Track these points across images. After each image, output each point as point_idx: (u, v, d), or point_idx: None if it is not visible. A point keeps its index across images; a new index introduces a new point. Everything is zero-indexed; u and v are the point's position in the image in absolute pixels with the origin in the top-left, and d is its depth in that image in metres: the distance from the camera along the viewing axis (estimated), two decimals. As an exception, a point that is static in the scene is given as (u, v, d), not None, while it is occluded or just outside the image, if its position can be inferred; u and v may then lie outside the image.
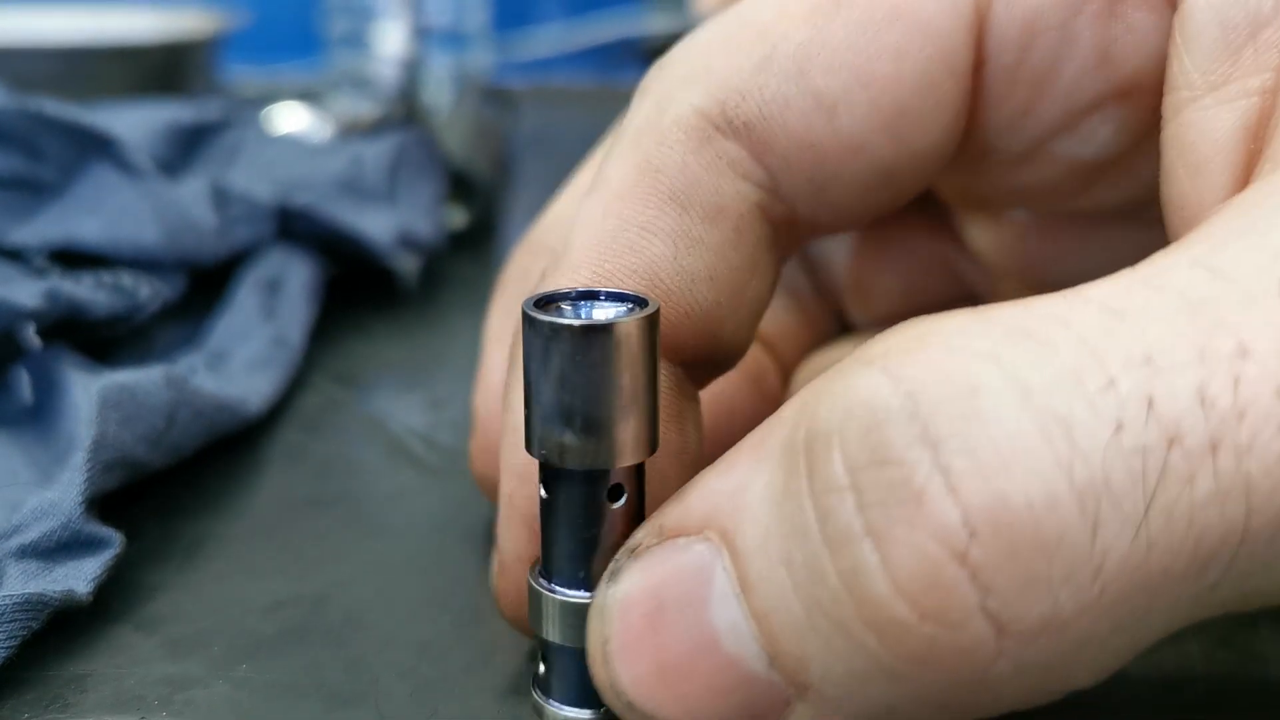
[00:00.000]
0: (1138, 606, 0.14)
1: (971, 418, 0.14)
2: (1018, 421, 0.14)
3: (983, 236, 0.26)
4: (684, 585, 0.16)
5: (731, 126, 0.20)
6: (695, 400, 0.22)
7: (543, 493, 0.19)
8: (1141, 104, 0.20)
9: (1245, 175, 0.17)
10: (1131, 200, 0.22)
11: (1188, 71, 0.18)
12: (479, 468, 0.25)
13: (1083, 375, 0.14)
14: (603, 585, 0.17)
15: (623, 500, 0.18)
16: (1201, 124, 0.18)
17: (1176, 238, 0.18)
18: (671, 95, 0.20)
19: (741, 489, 0.16)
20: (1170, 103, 0.19)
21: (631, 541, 0.17)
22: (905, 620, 0.14)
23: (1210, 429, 0.14)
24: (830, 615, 0.15)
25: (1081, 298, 0.15)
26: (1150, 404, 0.14)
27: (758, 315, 0.21)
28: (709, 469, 0.17)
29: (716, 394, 0.25)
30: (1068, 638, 0.14)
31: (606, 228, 0.20)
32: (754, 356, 0.27)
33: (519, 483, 0.20)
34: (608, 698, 0.17)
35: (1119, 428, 0.14)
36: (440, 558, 0.25)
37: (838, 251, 0.28)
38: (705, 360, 0.21)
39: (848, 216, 0.21)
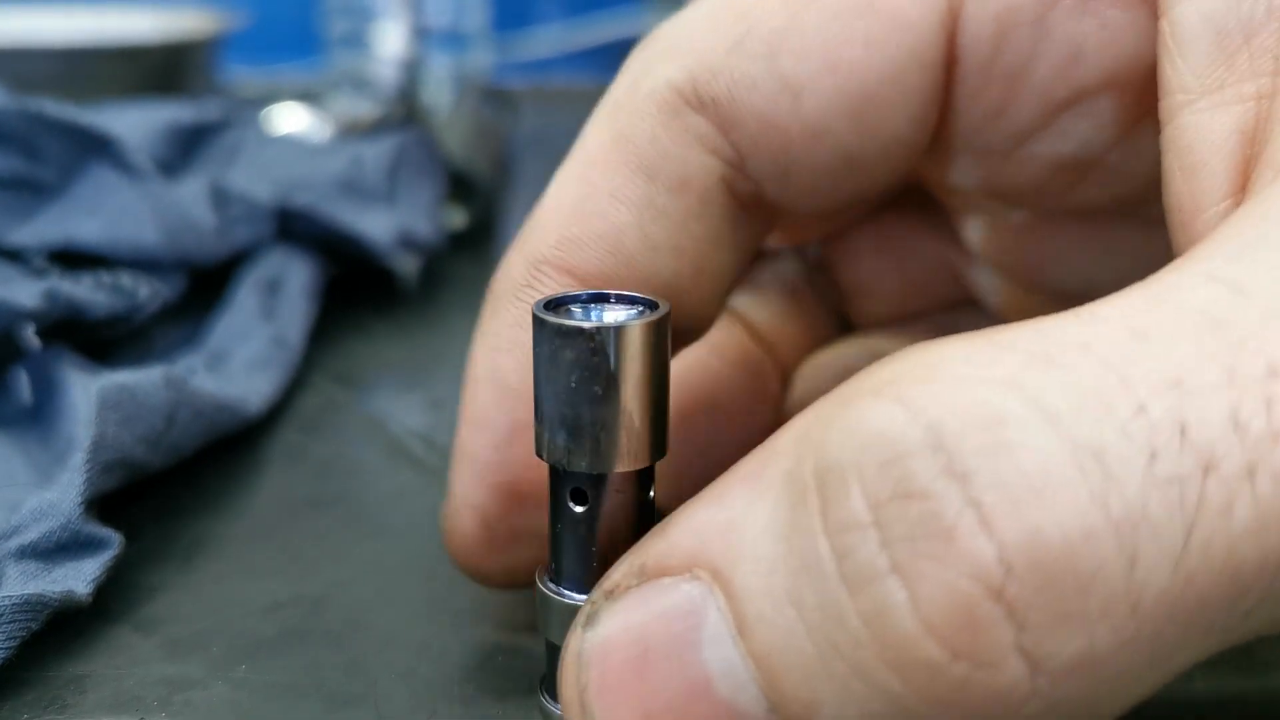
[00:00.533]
0: (1173, 639, 0.14)
1: (999, 449, 0.13)
2: (1049, 452, 0.13)
3: (980, 236, 0.26)
4: (672, 627, 0.15)
5: (700, 102, 0.20)
6: None
7: (550, 494, 0.19)
8: (1119, 100, 0.21)
9: (1242, 179, 0.17)
10: (1125, 198, 0.22)
11: (1182, 75, 0.18)
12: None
13: (1112, 401, 0.13)
14: (578, 629, 0.16)
15: (627, 505, 0.18)
16: (1197, 128, 0.18)
17: (1176, 241, 0.18)
18: (648, 69, 0.21)
19: (735, 525, 0.15)
20: (1166, 107, 0.19)
21: (608, 583, 0.17)
22: (935, 660, 0.13)
23: (1246, 454, 0.13)
24: (848, 657, 0.14)
25: (1098, 317, 0.14)
26: (1183, 430, 0.13)
27: (723, 289, 0.22)
28: (694, 501, 0.16)
29: (715, 396, 0.25)
30: (1102, 673, 0.14)
31: (576, 193, 0.21)
32: (753, 356, 0.27)
33: (473, 430, 0.21)
34: None
35: (1153, 456, 0.13)
36: (440, 559, 0.25)
37: (838, 252, 0.28)
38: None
39: (815, 202, 0.22)
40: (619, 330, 0.17)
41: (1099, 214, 0.24)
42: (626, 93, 0.21)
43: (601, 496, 0.18)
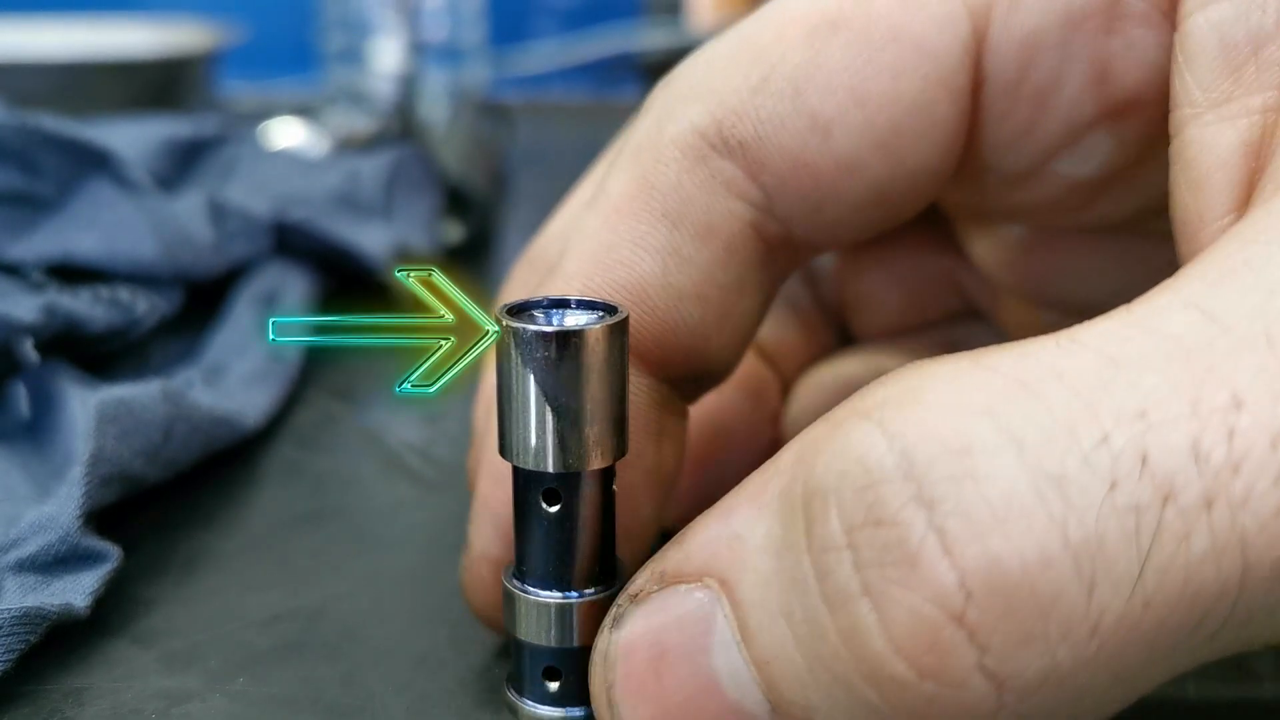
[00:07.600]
0: (1136, 659, 0.14)
1: (965, 477, 0.14)
2: (1012, 480, 0.14)
3: (985, 250, 0.26)
4: (686, 632, 0.16)
5: (727, 146, 0.20)
6: (680, 415, 0.22)
7: (514, 494, 0.19)
8: (1141, 120, 0.20)
9: (1247, 193, 0.17)
10: (1134, 213, 0.22)
11: (1189, 88, 0.18)
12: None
13: (1077, 431, 0.14)
14: (605, 631, 0.18)
15: (590, 503, 0.19)
16: (1203, 141, 0.18)
17: (1181, 255, 0.18)
18: (671, 113, 0.21)
19: (740, 538, 0.16)
20: (1174, 119, 0.19)
21: (633, 587, 0.18)
22: (905, 678, 0.14)
23: (1205, 484, 0.13)
24: (831, 669, 0.15)
25: (1077, 343, 0.15)
26: (1144, 460, 0.14)
27: (747, 333, 0.22)
28: (709, 513, 0.17)
29: (717, 407, 0.26)
30: (1066, 691, 0.14)
31: (601, 241, 0.20)
32: (754, 370, 0.27)
33: (492, 484, 0.21)
34: None
35: (1113, 485, 0.14)
36: (437, 571, 0.25)
37: (839, 265, 0.28)
38: (691, 376, 0.21)
39: (844, 234, 0.21)
40: (578, 334, 0.18)
41: (1107, 228, 0.24)
42: (649, 137, 0.21)
43: (570, 496, 0.19)
